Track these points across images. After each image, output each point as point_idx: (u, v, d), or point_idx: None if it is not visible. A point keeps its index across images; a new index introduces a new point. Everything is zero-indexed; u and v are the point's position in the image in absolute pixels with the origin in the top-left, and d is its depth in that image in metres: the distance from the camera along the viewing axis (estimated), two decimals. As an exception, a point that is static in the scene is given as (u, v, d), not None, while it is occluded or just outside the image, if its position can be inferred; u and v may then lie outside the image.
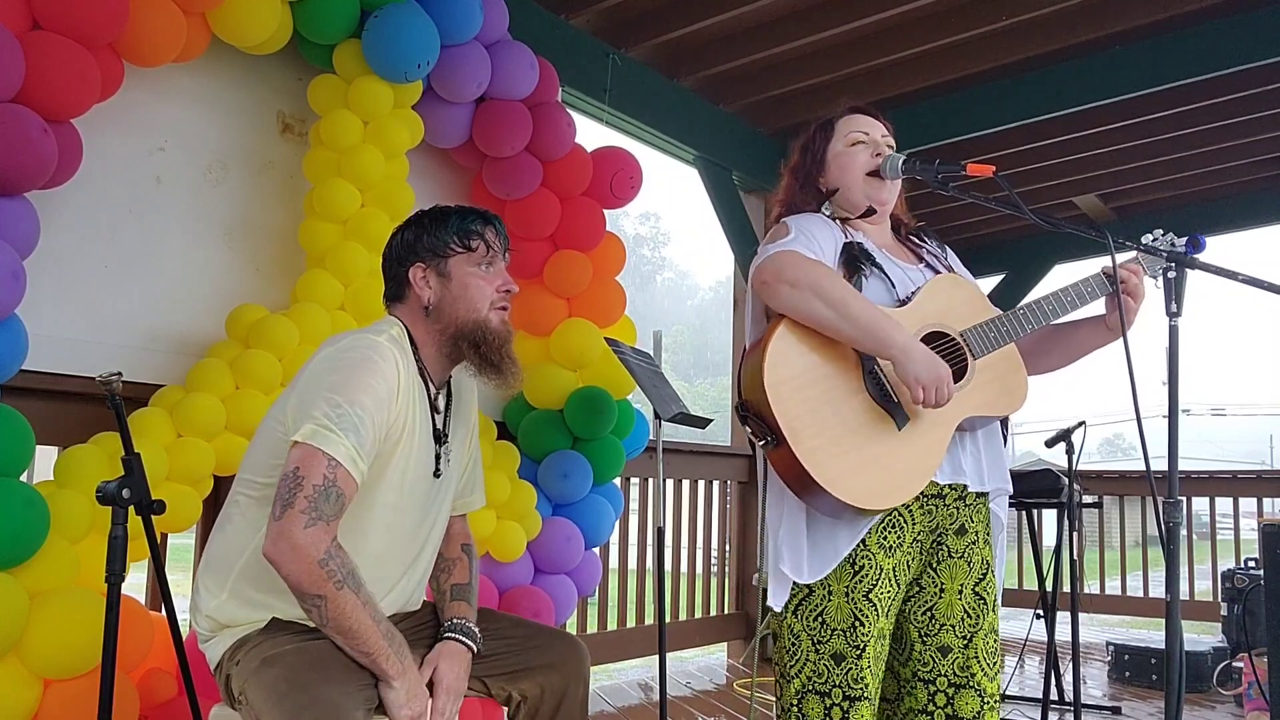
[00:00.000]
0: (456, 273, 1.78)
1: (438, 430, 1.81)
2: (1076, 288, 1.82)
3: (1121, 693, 4.37)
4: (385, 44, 2.62)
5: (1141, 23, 3.95)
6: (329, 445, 1.54)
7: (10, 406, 1.95)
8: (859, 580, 1.71)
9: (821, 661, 1.71)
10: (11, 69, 1.90)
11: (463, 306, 1.77)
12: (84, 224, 2.46)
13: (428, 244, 1.79)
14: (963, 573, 1.80)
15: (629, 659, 4.41)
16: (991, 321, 1.78)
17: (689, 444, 4.72)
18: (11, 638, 1.87)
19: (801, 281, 1.67)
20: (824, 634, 1.72)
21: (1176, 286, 1.66)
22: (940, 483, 1.75)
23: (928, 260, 1.93)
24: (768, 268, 1.72)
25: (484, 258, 1.80)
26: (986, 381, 1.77)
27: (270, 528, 1.52)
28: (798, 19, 4.01)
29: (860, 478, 1.65)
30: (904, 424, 1.70)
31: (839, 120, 1.93)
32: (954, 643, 1.79)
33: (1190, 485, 6.06)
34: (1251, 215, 5.84)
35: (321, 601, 1.51)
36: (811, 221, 1.83)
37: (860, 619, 1.70)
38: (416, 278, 1.78)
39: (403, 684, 1.59)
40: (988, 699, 1.79)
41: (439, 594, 1.92)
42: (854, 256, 1.79)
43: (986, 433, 1.84)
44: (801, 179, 1.92)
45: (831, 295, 1.66)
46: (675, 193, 34.31)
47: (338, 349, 1.68)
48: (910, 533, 1.75)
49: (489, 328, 1.78)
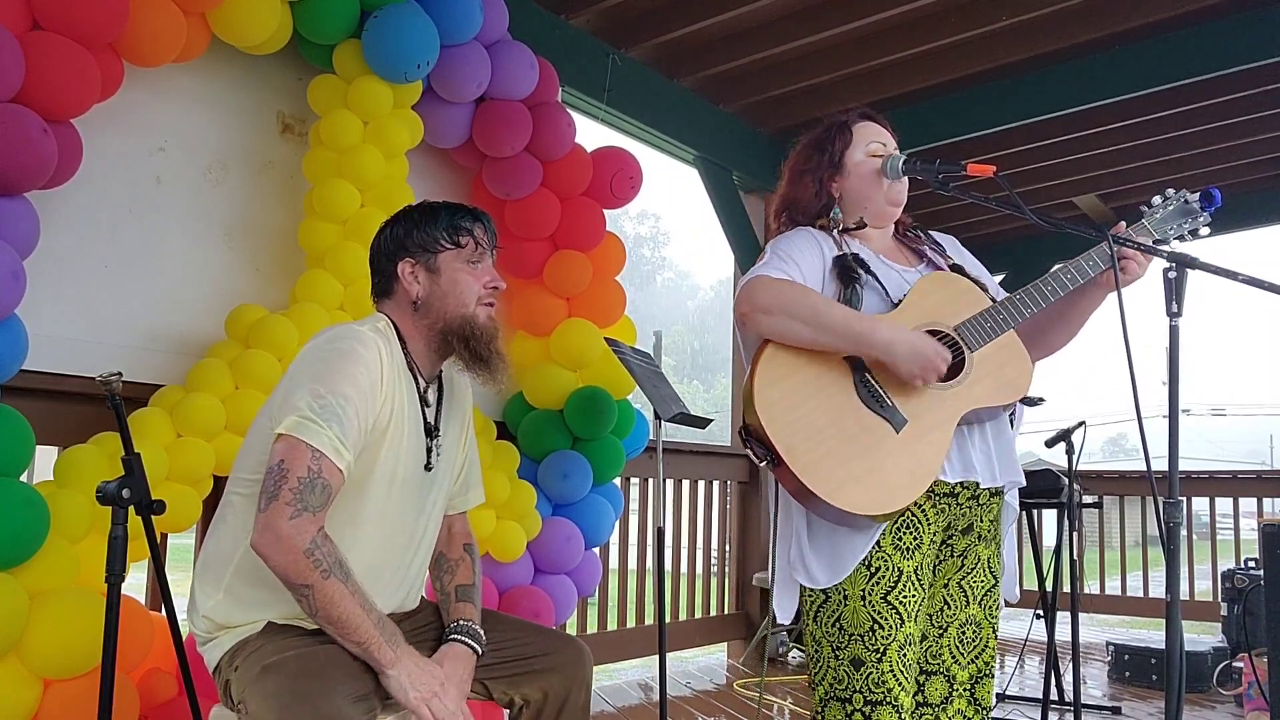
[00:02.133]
0: (445, 269, 1.79)
1: (428, 424, 1.81)
2: (1077, 264, 1.78)
3: (1121, 693, 4.37)
4: (385, 44, 2.62)
5: (1141, 23, 3.96)
6: (312, 436, 1.54)
7: (10, 406, 1.95)
8: (875, 583, 1.70)
9: (841, 667, 1.72)
10: (11, 69, 1.90)
11: (451, 302, 1.78)
12: (84, 224, 2.46)
13: (417, 239, 1.79)
14: (953, 568, 1.81)
15: (629, 659, 4.41)
16: (986, 312, 1.76)
17: (689, 444, 4.72)
18: (11, 638, 1.87)
19: (772, 306, 1.70)
20: (842, 639, 1.72)
21: (1177, 286, 1.65)
22: (950, 481, 1.74)
23: (929, 258, 1.92)
24: (742, 299, 1.76)
25: (473, 254, 1.81)
26: (987, 373, 1.76)
27: (257, 520, 1.53)
28: (798, 19, 4.01)
29: (861, 486, 1.66)
30: (901, 425, 1.69)
31: (855, 125, 1.90)
32: (929, 631, 1.80)
33: (1190, 485, 6.06)
34: (1251, 215, 5.84)
35: (309, 591, 1.51)
36: (792, 241, 1.83)
37: (879, 622, 1.69)
38: (405, 273, 1.79)
39: (398, 671, 1.58)
40: (957, 685, 1.80)
41: (443, 595, 1.91)
42: (846, 268, 1.79)
43: (995, 426, 1.82)
44: (815, 180, 1.89)
45: (802, 311, 1.68)
46: (675, 193, 34.30)
47: (321, 341, 1.70)
48: (927, 533, 1.74)
49: (476, 323, 1.79)
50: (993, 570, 1.84)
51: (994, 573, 1.85)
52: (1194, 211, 1.81)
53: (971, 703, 1.82)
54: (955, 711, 1.80)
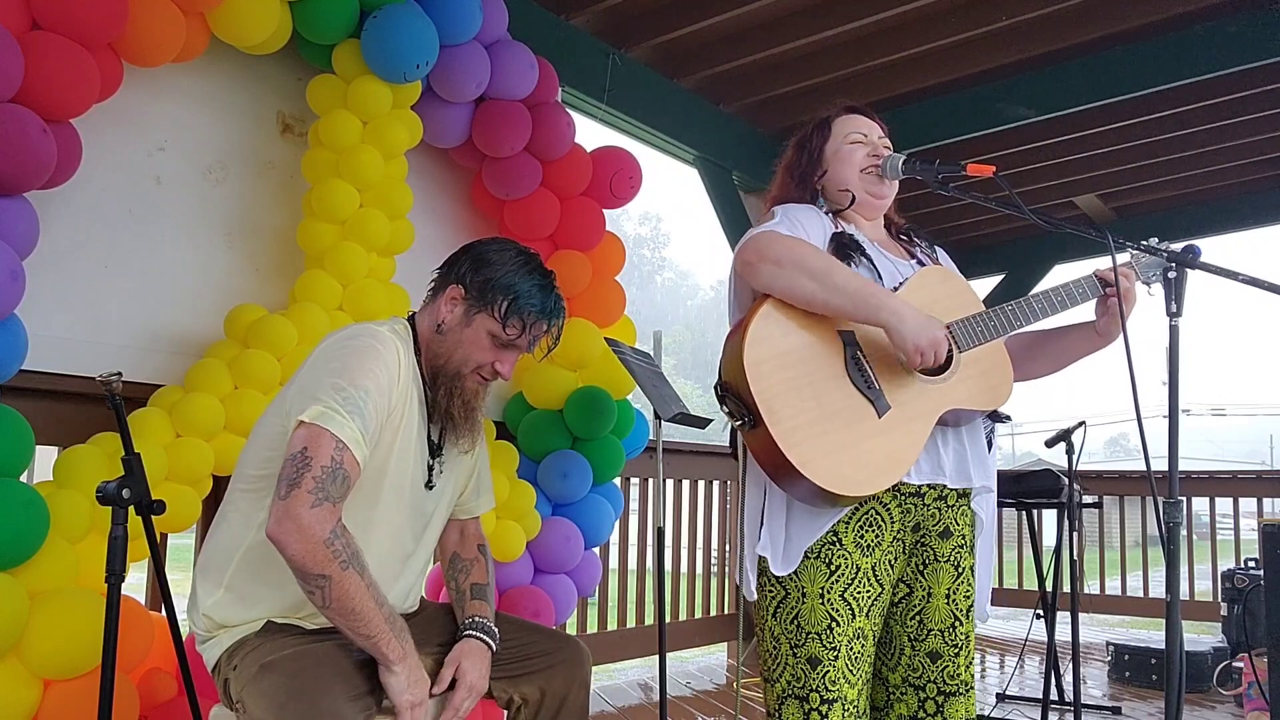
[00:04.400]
0: (477, 326, 1.77)
1: (432, 443, 1.82)
2: (1067, 288, 1.81)
3: (1121, 693, 4.37)
4: (384, 44, 2.62)
5: (1141, 23, 3.96)
6: (336, 427, 1.53)
7: (10, 406, 1.95)
8: (834, 580, 1.69)
9: (799, 665, 1.69)
10: (11, 69, 1.90)
11: (457, 353, 1.77)
12: (84, 224, 2.46)
13: (485, 283, 1.76)
14: (949, 577, 1.78)
15: (629, 659, 4.41)
16: (979, 316, 1.76)
17: (689, 444, 4.72)
18: (11, 638, 1.87)
19: (785, 259, 1.65)
20: (800, 638, 1.69)
21: (1176, 287, 1.66)
22: (917, 483, 1.73)
23: (920, 257, 1.93)
24: (750, 247, 1.70)
25: (506, 339, 1.78)
26: (971, 376, 1.75)
27: (275, 508, 1.50)
28: (798, 19, 4.01)
29: (834, 461, 1.61)
30: (885, 411, 1.67)
31: (836, 120, 1.93)
32: (944, 649, 1.78)
33: (1190, 485, 6.06)
34: (1251, 215, 5.84)
35: (326, 582, 1.49)
36: (799, 209, 1.83)
37: (835, 619, 1.67)
38: (450, 294, 1.78)
39: (404, 668, 1.58)
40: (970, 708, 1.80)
41: (458, 594, 1.92)
42: (843, 245, 1.78)
43: (970, 430, 1.81)
44: (797, 177, 1.92)
45: (815, 267, 1.64)
46: (675, 193, 34.30)
47: (340, 337, 1.70)
48: (889, 531, 1.73)
49: (462, 385, 1.78)
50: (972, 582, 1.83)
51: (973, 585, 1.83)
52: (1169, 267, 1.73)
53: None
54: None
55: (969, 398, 1.74)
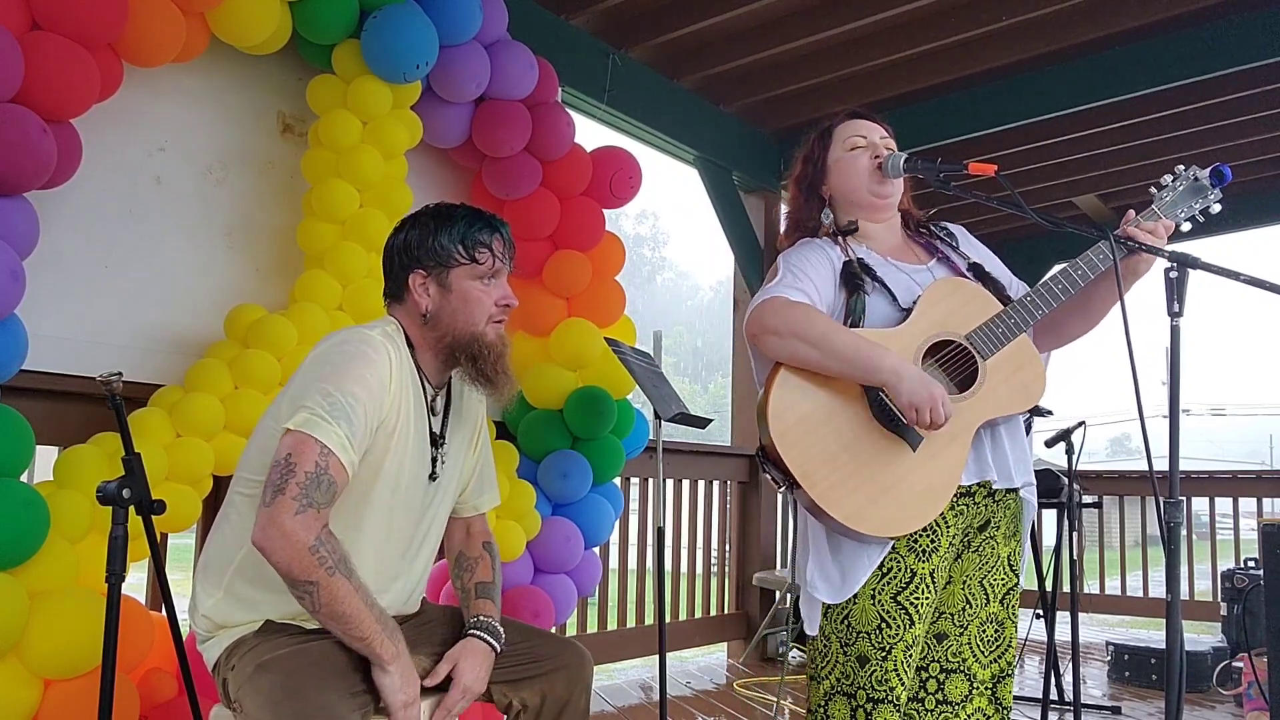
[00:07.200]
0: (457, 285, 1.75)
1: (434, 433, 1.81)
2: (1087, 258, 1.77)
3: (1121, 693, 4.37)
4: (384, 44, 2.62)
5: (1140, 23, 3.96)
6: (321, 432, 1.53)
7: (10, 406, 1.95)
8: (886, 583, 1.71)
9: (849, 663, 1.72)
10: (11, 69, 1.90)
11: (461, 319, 1.75)
12: (84, 224, 2.46)
13: (430, 251, 1.75)
14: (973, 565, 1.81)
15: (629, 659, 4.41)
16: (997, 317, 1.75)
17: (689, 444, 4.72)
18: (11, 638, 1.87)
19: (783, 329, 1.70)
20: (850, 636, 1.73)
21: (1178, 286, 1.65)
22: (966, 483, 1.75)
23: (941, 253, 1.92)
24: (753, 319, 1.76)
25: (488, 270, 1.77)
26: (1001, 381, 1.75)
27: (260, 515, 1.50)
28: (798, 19, 4.01)
29: (879, 507, 1.66)
30: (918, 444, 1.69)
31: (837, 127, 1.93)
32: (950, 630, 1.80)
33: (1190, 485, 6.06)
34: (1251, 215, 5.85)
35: (313, 588, 1.50)
36: (804, 252, 1.84)
37: (887, 620, 1.70)
38: (416, 284, 1.76)
39: (397, 668, 1.58)
40: (978, 684, 1.80)
41: (463, 592, 1.91)
42: (853, 275, 1.79)
43: (1009, 427, 1.82)
44: (805, 190, 1.93)
45: (813, 335, 1.68)
46: (675, 193, 34.32)
47: (330, 344, 1.69)
48: (945, 536, 1.75)
49: (484, 341, 1.76)
50: (1013, 568, 1.84)
51: (1015, 570, 1.84)
52: (1204, 189, 1.80)
53: (992, 701, 1.82)
54: (975, 709, 1.80)
55: (1001, 404, 1.75)
